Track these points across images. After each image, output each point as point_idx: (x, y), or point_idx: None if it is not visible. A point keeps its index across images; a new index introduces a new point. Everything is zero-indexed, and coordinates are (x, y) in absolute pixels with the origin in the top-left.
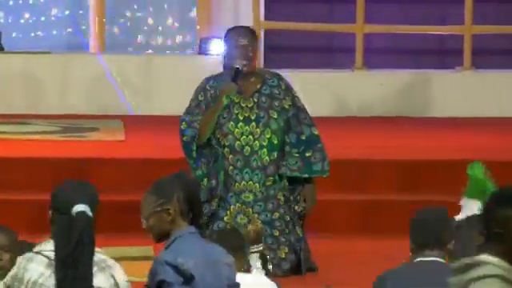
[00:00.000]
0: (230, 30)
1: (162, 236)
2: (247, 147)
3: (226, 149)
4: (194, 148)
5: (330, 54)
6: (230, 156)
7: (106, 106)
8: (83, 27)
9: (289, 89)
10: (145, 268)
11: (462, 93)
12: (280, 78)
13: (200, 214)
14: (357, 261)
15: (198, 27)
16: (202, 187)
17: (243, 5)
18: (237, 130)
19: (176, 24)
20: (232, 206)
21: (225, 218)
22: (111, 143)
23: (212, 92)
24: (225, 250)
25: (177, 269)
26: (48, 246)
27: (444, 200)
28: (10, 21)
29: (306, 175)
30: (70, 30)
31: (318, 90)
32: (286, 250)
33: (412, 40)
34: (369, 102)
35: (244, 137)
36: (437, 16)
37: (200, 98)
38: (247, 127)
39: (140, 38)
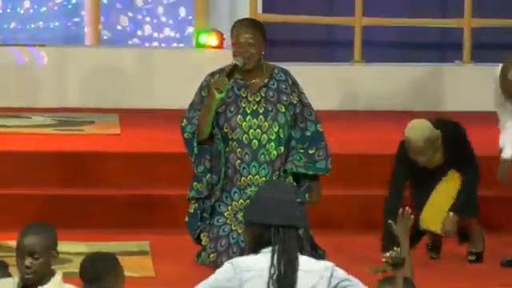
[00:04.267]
0: (236, 24)
1: None
2: (255, 141)
3: (234, 143)
4: (195, 144)
5: (328, 47)
6: (238, 150)
7: (102, 99)
8: (79, 19)
9: (295, 84)
10: (141, 263)
11: (462, 87)
12: (287, 72)
13: None
14: (359, 256)
15: (195, 20)
16: (206, 183)
17: None
18: (245, 123)
19: (173, 17)
20: (234, 202)
21: (225, 214)
22: (106, 137)
23: None
24: None
25: None
26: None
27: None
28: (8, 11)
29: (311, 172)
30: (66, 22)
31: (316, 84)
32: None
33: (411, 33)
34: (367, 95)
35: (252, 130)
36: (436, 9)
37: (203, 94)
38: (255, 120)
39: (136, 31)
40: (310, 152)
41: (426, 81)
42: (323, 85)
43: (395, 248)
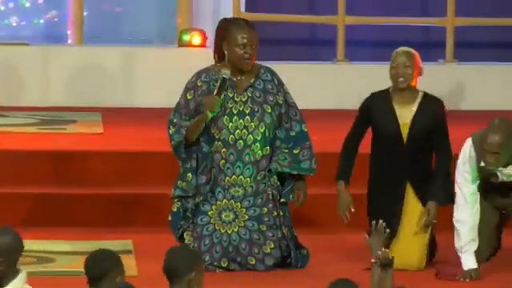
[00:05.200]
0: (230, 24)
1: None
2: (240, 141)
3: (219, 142)
4: (183, 150)
5: (311, 46)
6: (223, 150)
7: (85, 98)
8: (62, 18)
9: (281, 84)
10: (124, 262)
11: (445, 86)
12: (273, 72)
13: None
14: (343, 255)
15: (178, 19)
16: (190, 182)
17: None
18: (231, 124)
19: (156, 15)
20: (218, 202)
21: (209, 213)
22: (89, 136)
23: (204, 88)
24: None
25: None
26: None
27: None
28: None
29: (295, 172)
30: (48, 20)
31: (299, 83)
32: (272, 245)
33: (394, 32)
34: (351, 94)
35: (238, 131)
36: (419, 8)
37: (189, 97)
38: (241, 121)
39: (120, 29)
40: (295, 152)
41: None
42: (306, 84)
43: (383, 249)
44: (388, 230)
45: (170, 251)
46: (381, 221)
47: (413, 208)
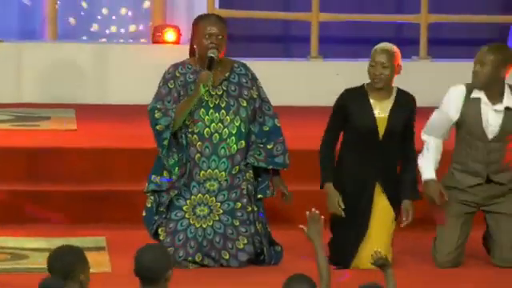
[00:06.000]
0: (200, 18)
1: None
2: (216, 134)
3: (195, 136)
4: (167, 136)
5: (285, 42)
6: (199, 143)
7: (58, 94)
8: (37, 15)
9: (255, 79)
10: (97, 259)
11: (419, 83)
12: (247, 67)
13: None
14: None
15: (152, 16)
16: (169, 176)
17: None
18: (207, 117)
19: (130, 13)
20: (193, 196)
21: (183, 208)
22: (63, 132)
23: (182, 79)
24: None
25: None
26: None
27: None
28: None
29: (270, 166)
30: (23, 17)
31: (273, 79)
32: (245, 241)
33: (368, 29)
34: (324, 91)
35: (214, 124)
36: (393, 5)
37: (170, 86)
38: (217, 114)
39: (94, 26)
40: (269, 147)
41: None
42: (280, 80)
43: (375, 249)
44: (323, 217)
45: (141, 252)
46: (313, 209)
47: (381, 206)
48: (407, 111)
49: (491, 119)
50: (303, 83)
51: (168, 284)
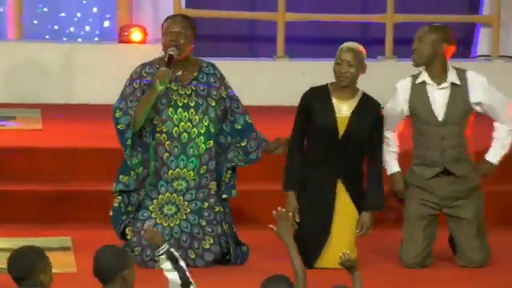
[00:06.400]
0: (166, 18)
1: None
2: (185, 134)
3: (164, 135)
4: (130, 136)
5: (251, 42)
6: (167, 142)
7: (24, 94)
8: (0, 14)
9: (223, 78)
10: (62, 259)
11: (385, 82)
12: (215, 66)
13: None
14: (284, 251)
15: (118, 15)
16: (136, 176)
17: None
18: (176, 116)
19: (96, 12)
20: (160, 196)
21: (150, 207)
22: (28, 132)
23: (149, 79)
24: None
25: None
26: None
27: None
28: None
29: (247, 164)
30: None
31: (239, 79)
32: (212, 241)
33: (334, 29)
34: (291, 91)
35: (182, 123)
36: (358, 4)
37: (135, 86)
38: (186, 113)
39: (60, 25)
40: (243, 144)
41: None
42: (246, 80)
43: (344, 251)
44: (290, 214)
45: (97, 253)
46: (279, 207)
47: (344, 205)
48: (371, 117)
49: (438, 98)
50: (269, 83)
51: (129, 283)
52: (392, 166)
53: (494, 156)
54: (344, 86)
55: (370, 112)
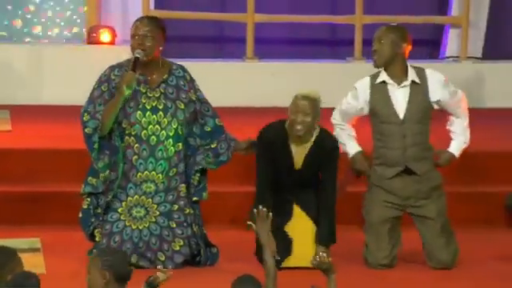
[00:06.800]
0: (135, 21)
1: None
2: (153, 137)
3: (132, 138)
4: (96, 140)
5: (220, 43)
6: (136, 145)
7: None
8: None
9: (193, 81)
10: (32, 260)
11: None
12: (185, 69)
13: None
14: (251, 251)
15: (87, 17)
16: (103, 178)
17: None
18: (144, 119)
19: (65, 12)
20: (129, 198)
21: (119, 210)
22: None
23: (117, 81)
24: None
25: None
26: None
27: None
28: None
29: (217, 167)
30: None
31: (208, 80)
32: (182, 242)
33: (303, 30)
34: (260, 92)
35: (151, 126)
36: (327, 6)
37: (104, 89)
38: (154, 116)
39: (28, 26)
40: (213, 146)
41: (317, 77)
42: (215, 81)
43: (320, 253)
44: (271, 214)
45: None
46: (261, 206)
47: (301, 222)
48: (326, 153)
49: (399, 96)
50: (239, 84)
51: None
52: (350, 146)
53: (455, 148)
54: (300, 135)
55: (326, 148)
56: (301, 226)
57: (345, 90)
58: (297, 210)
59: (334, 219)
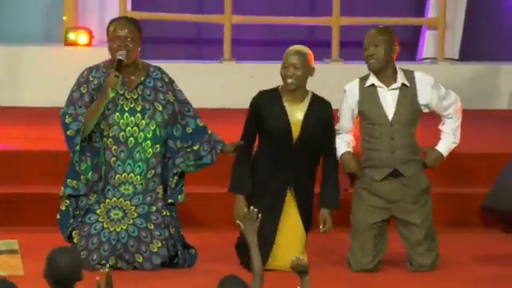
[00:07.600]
0: (111, 22)
1: None
2: (131, 138)
3: (110, 139)
4: (78, 142)
5: (197, 45)
6: (114, 147)
7: None
8: None
9: (171, 82)
10: (9, 262)
11: (331, 85)
12: (163, 71)
13: None
14: (233, 253)
15: (64, 18)
16: (86, 181)
17: None
18: (122, 120)
19: (41, 14)
20: (107, 200)
21: (97, 211)
22: None
23: (96, 82)
24: None
25: None
26: None
27: None
28: None
29: (198, 169)
30: None
31: (185, 82)
32: (160, 244)
33: (280, 31)
34: (237, 93)
35: (129, 128)
36: (305, 7)
37: (83, 91)
38: (133, 118)
39: (4, 27)
40: (195, 148)
41: None
42: (193, 83)
43: (297, 256)
44: (260, 216)
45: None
46: (252, 207)
47: (291, 220)
48: (321, 116)
49: (388, 99)
50: (216, 85)
51: None
52: (341, 148)
53: (443, 148)
54: (292, 89)
55: (321, 113)
56: (289, 227)
57: (323, 92)
58: (290, 203)
59: (337, 184)
